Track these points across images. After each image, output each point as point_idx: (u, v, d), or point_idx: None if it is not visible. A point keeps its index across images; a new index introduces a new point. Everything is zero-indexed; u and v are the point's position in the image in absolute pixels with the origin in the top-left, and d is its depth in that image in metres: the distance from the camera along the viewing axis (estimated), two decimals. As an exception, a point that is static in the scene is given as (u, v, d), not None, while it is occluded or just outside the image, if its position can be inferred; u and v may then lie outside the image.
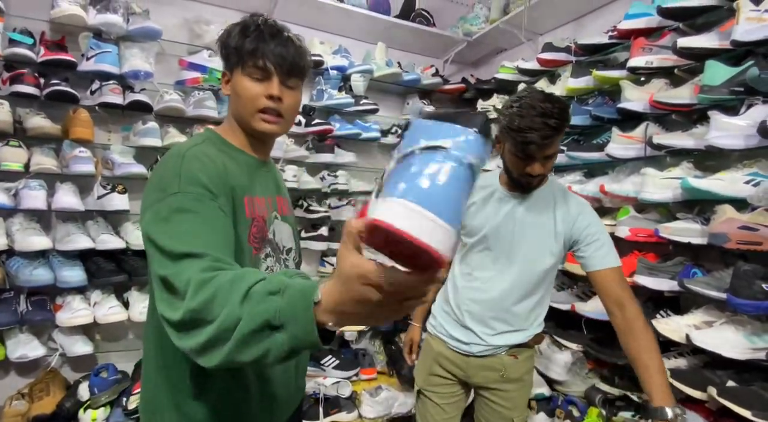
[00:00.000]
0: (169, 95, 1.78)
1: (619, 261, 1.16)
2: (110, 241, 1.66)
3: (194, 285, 0.57)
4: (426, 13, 2.32)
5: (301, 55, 0.84)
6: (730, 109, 1.26)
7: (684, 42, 1.32)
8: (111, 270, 1.68)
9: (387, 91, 2.46)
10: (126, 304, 1.74)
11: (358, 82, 2.20)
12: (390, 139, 2.38)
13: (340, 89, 2.19)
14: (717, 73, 1.23)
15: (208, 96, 1.82)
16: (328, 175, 2.21)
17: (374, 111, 2.26)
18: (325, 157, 2.16)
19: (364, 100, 2.23)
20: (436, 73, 2.43)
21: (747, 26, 1.15)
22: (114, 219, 1.81)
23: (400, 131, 2.39)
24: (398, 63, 2.35)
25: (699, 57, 1.33)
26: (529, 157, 1.10)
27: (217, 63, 1.84)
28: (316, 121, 2.10)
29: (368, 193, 2.32)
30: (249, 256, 0.80)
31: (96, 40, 1.69)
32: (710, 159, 1.40)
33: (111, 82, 1.70)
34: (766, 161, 1.21)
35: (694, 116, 1.45)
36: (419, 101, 2.43)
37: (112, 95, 1.68)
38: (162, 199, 0.70)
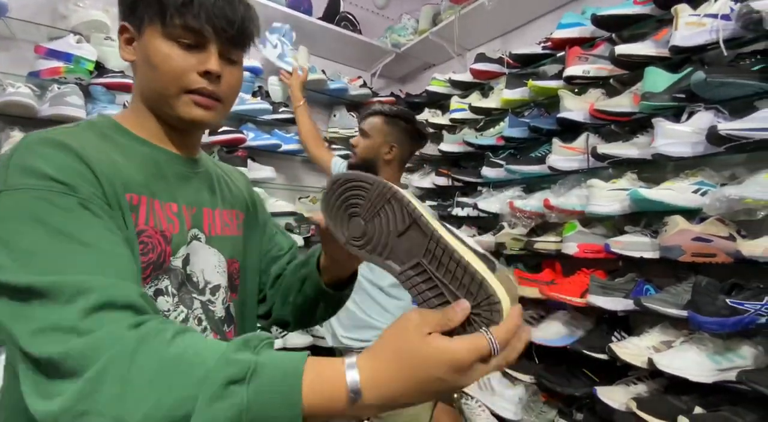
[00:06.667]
0: (14, 88, 1.34)
1: None
2: None
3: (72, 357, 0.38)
4: (351, 17, 2.15)
5: (251, 19, 0.61)
6: (671, 117, 1.23)
7: (623, 49, 1.28)
8: None
9: (311, 101, 2.20)
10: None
11: (276, 87, 1.93)
12: (314, 154, 2.11)
13: (254, 94, 1.90)
14: (658, 79, 1.20)
15: (72, 90, 1.40)
16: (240, 192, 1.87)
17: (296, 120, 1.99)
18: (237, 172, 1.82)
19: (284, 108, 1.96)
20: (364, 85, 2.26)
21: (686, 31, 1.12)
22: None
23: (327, 145, 2.14)
24: (323, 70, 2.13)
25: (635, 65, 1.30)
26: None
27: (86, 50, 1.44)
28: (225, 128, 1.77)
29: (290, 215, 2.02)
30: None
31: None
32: (649, 170, 1.37)
33: None
34: (709, 170, 1.18)
35: (626, 128, 1.43)
36: (347, 114, 2.22)
37: None
38: None
